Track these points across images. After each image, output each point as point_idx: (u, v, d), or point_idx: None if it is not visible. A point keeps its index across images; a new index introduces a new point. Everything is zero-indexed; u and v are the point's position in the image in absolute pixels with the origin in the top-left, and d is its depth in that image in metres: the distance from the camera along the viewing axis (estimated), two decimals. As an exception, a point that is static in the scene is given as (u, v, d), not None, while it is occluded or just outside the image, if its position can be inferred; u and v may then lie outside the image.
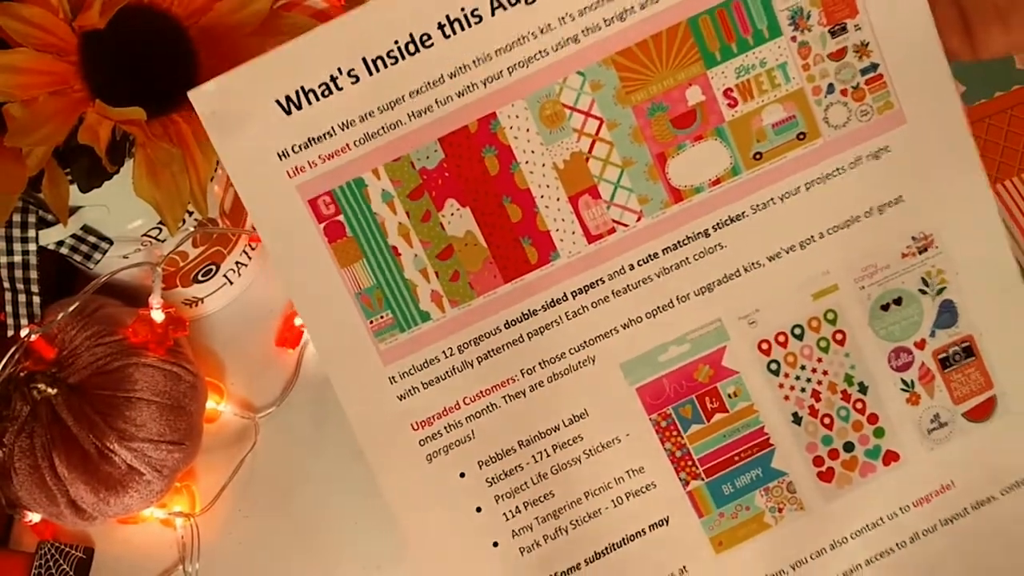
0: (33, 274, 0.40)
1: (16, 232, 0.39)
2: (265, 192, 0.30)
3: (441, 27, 0.29)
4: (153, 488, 0.45)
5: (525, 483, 0.32)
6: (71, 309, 0.43)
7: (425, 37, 0.29)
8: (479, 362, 0.32)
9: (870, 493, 0.33)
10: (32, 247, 0.39)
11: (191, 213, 0.44)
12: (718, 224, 0.31)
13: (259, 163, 0.29)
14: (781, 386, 0.33)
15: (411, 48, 0.29)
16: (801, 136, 0.31)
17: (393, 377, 0.31)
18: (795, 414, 0.33)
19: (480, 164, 0.30)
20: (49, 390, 0.43)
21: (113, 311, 0.47)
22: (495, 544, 0.32)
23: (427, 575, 0.32)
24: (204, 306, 0.52)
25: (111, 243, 0.42)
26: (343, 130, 0.29)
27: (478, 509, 0.32)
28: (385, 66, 0.29)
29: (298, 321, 0.52)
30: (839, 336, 0.33)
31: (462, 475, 0.32)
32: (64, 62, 0.34)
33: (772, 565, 0.33)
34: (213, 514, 0.49)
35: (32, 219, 0.39)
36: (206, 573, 0.48)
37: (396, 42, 0.28)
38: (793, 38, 0.30)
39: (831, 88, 0.31)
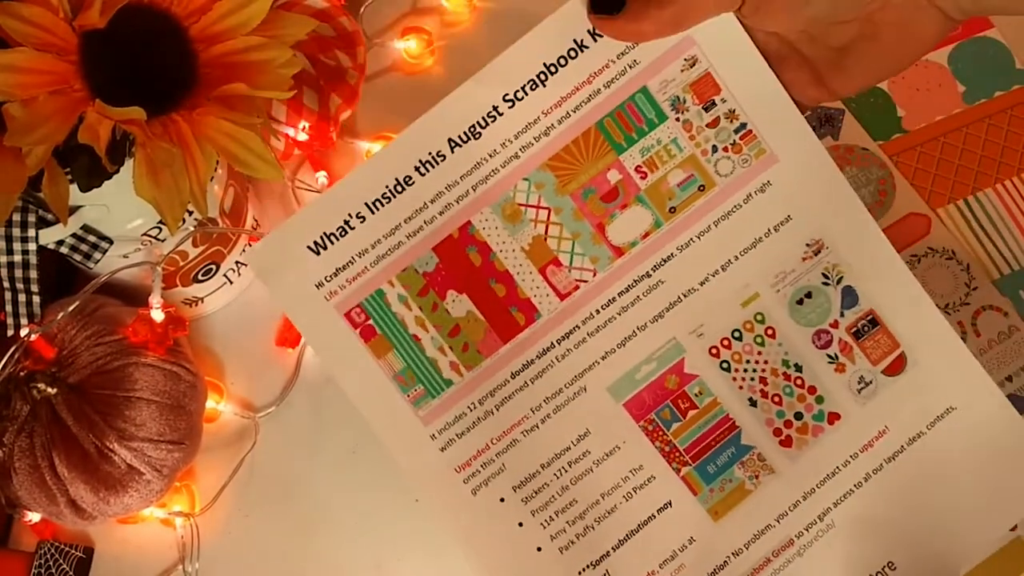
0: (33, 273, 0.41)
1: (16, 231, 0.40)
2: (313, 315, 0.41)
3: (417, 169, 0.40)
4: (153, 488, 0.45)
5: (552, 496, 0.42)
6: (71, 308, 0.44)
7: (407, 178, 0.40)
8: (497, 409, 0.42)
9: (824, 449, 0.43)
10: (32, 246, 0.40)
11: (191, 212, 0.44)
12: (655, 266, 0.42)
13: (304, 295, 0.41)
14: (734, 379, 0.42)
15: (398, 188, 0.40)
16: (701, 188, 0.42)
17: (433, 435, 0.41)
18: (751, 399, 0.42)
19: (466, 260, 0.41)
20: (49, 390, 0.44)
21: (113, 311, 0.48)
22: (539, 549, 0.42)
23: None
24: (204, 306, 0.53)
25: (111, 242, 0.43)
26: (360, 257, 0.41)
27: (520, 524, 0.42)
28: (382, 205, 0.40)
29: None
30: (770, 331, 0.42)
31: (502, 500, 0.42)
32: (64, 62, 0.34)
33: (761, 521, 0.42)
34: (213, 514, 0.50)
35: (32, 218, 0.40)
36: (206, 573, 0.49)
37: (387, 187, 0.40)
38: (677, 119, 0.41)
39: (715, 148, 0.41)
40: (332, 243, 0.40)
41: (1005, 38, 0.63)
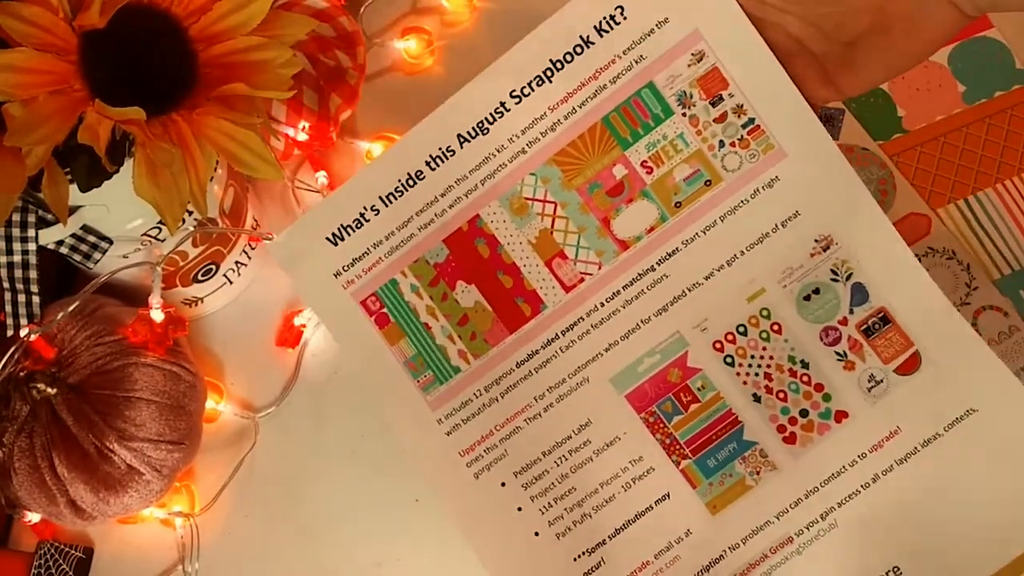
0: (33, 274, 0.41)
1: (16, 232, 0.40)
2: (331, 302, 0.42)
3: (428, 163, 0.41)
4: (153, 488, 0.45)
5: (552, 483, 0.42)
6: (71, 309, 0.44)
7: (419, 173, 0.41)
8: (502, 397, 0.42)
9: (830, 447, 0.42)
10: (32, 247, 0.40)
11: (191, 213, 0.44)
12: (660, 260, 0.42)
13: (322, 283, 0.42)
14: (738, 374, 0.42)
15: (411, 182, 0.41)
16: (708, 183, 0.42)
17: (440, 419, 0.42)
18: (755, 394, 0.42)
19: (475, 252, 0.42)
20: (49, 390, 0.44)
21: (113, 311, 0.48)
22: (536, 534, 0.42)
23: (490, 566, 0.42)
24: (204, 306, 0.53)
25: (111, 243, 0.43)
26: (375, 248, 0.42)
27: (519, 509, 0.42)
28: (395, 199, 0.42)
29: (298, 321, 0.52)
30: (776, 327, 0.42)
31: (503, 484, 0.42)
32: (64, 61, 0.34)
33: (760, 517, 0.42)
34: (213, 514, 0.50)
35: (32, 219, 0.40)
36: (206, 573, 0.49)
37: (400, 181, 0.41)
38: (683, 114, 0.41)
39: (722, 143, 0.41)
40: (349, 234, 0.42)
41: (1005, 38, 0.63)
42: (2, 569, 0.50)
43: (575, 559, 0.42)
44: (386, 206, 0.41)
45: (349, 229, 0.42)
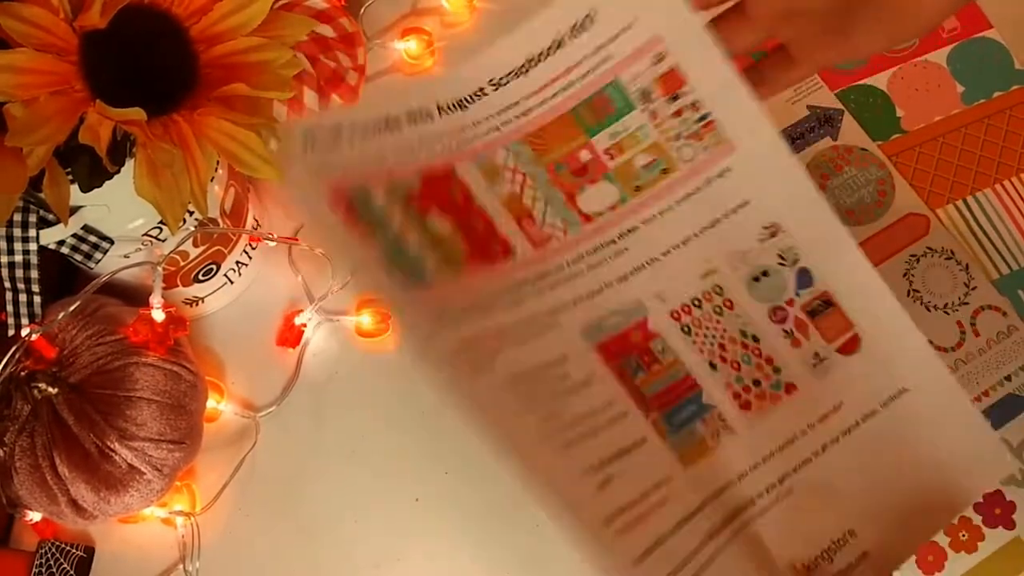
0: (34, 273, 0.42)
1: (17, 232, 0.40)
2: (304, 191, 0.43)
3: (406, 118, 0.42)
4: (154, 487, 0.46)
5: (542, 399, 0.43)
6: (72, 308, 0.45)
7: (396, 120, 0.42)
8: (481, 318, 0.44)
9: (782, 417, 0.45)
10: (33, 247, 0.41)
11: (191, 213, 0.44)
12: (621, 235, 0.45)
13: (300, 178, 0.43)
14: (695, 343, 0.45)
15: (388, 128, 0.41)
16: (665, 170, 0.45)
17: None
18: (711, 362, 0.45)
19: (449, 193, 0.43)
20: (50, 389, 0.44)
21: (114, 310, 0.48)
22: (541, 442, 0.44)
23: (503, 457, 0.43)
24: (204, 305, 0.54)
25: (112, 243, 0.43)
26: (349, 151, 0.42)
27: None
28: (371, 135, 0.41)
29: (298, 321, 0.52)
30: (728, 303, 0.45)
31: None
32: (65, 62, 0.35)
33: (722, 478, 0.44)
34: (213, 513, 0.50)
35: (33, 219, 0.40)
36: (206, 572, 0.49)
37: (378, 120, 0.41)
38: (644, 109, 0.45)
39: (678, 136, 0.45)
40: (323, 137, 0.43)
41: (1004, 38, 0.63)
42: (3, 568, 0.50)
43: (583, 473, 0.43)
44: (362, 137, 0.43)
45: (325, 136, 0.43)
